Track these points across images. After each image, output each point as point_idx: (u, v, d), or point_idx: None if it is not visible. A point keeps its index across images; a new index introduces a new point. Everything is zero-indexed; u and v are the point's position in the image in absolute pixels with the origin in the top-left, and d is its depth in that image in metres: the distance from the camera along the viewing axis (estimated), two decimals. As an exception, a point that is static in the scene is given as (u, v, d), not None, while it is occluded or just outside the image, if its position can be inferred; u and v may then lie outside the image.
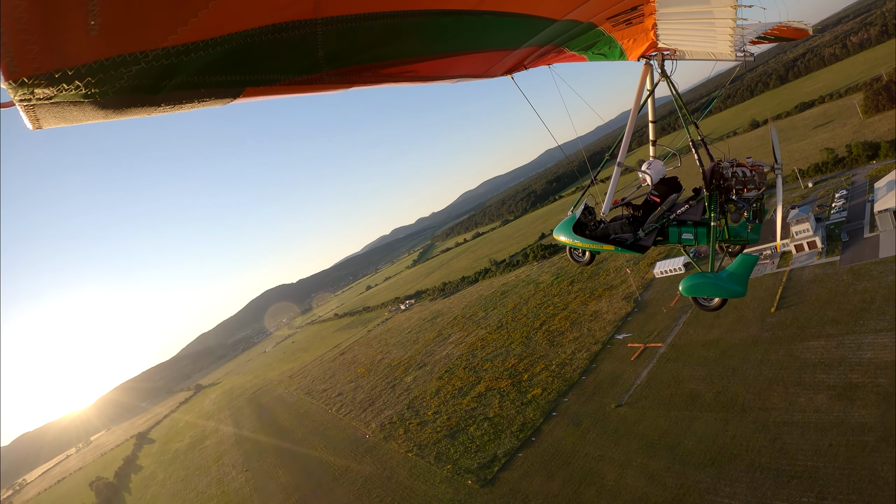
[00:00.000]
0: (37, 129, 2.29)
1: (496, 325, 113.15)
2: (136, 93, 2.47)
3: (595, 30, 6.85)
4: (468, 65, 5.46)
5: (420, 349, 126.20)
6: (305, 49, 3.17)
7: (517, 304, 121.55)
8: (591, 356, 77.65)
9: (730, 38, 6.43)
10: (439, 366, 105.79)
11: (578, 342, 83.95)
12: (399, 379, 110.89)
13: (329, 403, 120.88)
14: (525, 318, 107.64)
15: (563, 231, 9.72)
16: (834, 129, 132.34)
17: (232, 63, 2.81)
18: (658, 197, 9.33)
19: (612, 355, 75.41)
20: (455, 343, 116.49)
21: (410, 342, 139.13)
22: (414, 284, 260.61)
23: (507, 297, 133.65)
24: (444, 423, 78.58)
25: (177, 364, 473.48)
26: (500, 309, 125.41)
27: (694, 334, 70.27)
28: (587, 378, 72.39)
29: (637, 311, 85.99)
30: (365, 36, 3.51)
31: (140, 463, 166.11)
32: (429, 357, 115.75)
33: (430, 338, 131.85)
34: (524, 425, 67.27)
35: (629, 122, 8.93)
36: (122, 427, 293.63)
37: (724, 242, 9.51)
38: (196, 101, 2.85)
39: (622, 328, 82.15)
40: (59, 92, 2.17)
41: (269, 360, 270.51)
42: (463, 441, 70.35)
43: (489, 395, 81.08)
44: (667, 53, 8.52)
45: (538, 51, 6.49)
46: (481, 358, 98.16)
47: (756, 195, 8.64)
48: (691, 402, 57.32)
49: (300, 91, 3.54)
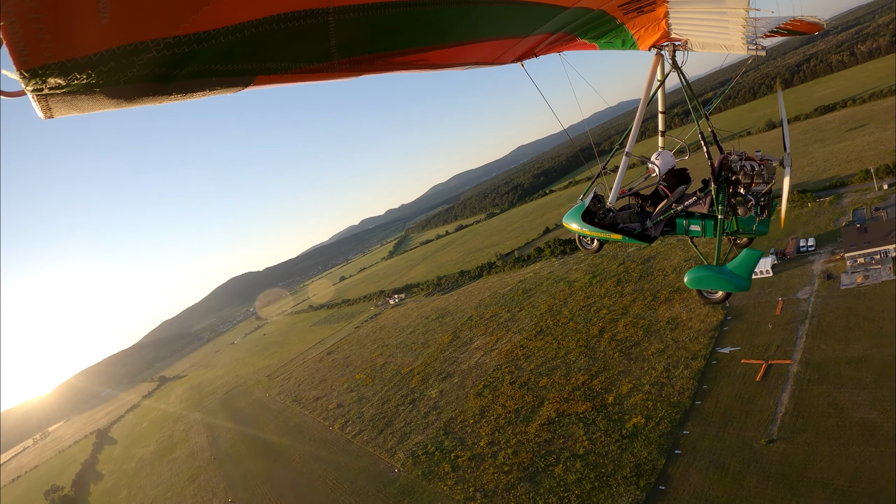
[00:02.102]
0: (48, 118, 2.27)
1: (534, 330, 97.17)
2: (148, 81, 2.42)
3: (606, 17, 6.67)
4: (480, 52, 5.30)
5: (435, 354, 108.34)
6: (317, 38, 3.10)
7: (552, 305, 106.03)
8: (695, 374, 63.05)
9: (742, 29, 6.37)
10: (473, 378, 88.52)
11: (667, 356, 69.19)
12: (420, 392, 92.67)
13: (328, 417, 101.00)
14: (574, 324, 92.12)
15: (573, 219, 9.75)
16: (874, 133, 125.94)
17: (244, 52, 2.76)
18: (667, 188, 9.40)
19: (725, 374, 61.04)
20: (483, 349, 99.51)
21: (418, 345, 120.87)
22: (397, 277, 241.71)
23: (532, 296, 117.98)
24: (510, 458, 61.64)
25: (139, 351, 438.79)
26: (529, 310, 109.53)
27: (828, 350, 57.23)
28: (704, 403, 57.47)
29: (732, 319, 72.29)
30: (377, 25, 3.43)
31: (100, 469, 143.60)
32: (452, 366, 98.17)
33: (444, 340, 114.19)
34: (639, 467, 51.50)
35: (639, 112, 8.87)
36: (82, 419, 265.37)
37: (733, 235, 9.28)
38: (207, 90, 2.78)
39: (721, 340, 68.35)
40: (71, 81, 2.16)
41: (239, 353, 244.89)
42: (551, 488, 53.66)
43: (565, 422, 64.80)
44: (678, 44, 8.33)
45: (549, 38, 6.38)
46: (531, 371, 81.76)
47: (765, 189, 8.60)
48: (869, 435, 44.60)
49: (311, 79, 3.47)
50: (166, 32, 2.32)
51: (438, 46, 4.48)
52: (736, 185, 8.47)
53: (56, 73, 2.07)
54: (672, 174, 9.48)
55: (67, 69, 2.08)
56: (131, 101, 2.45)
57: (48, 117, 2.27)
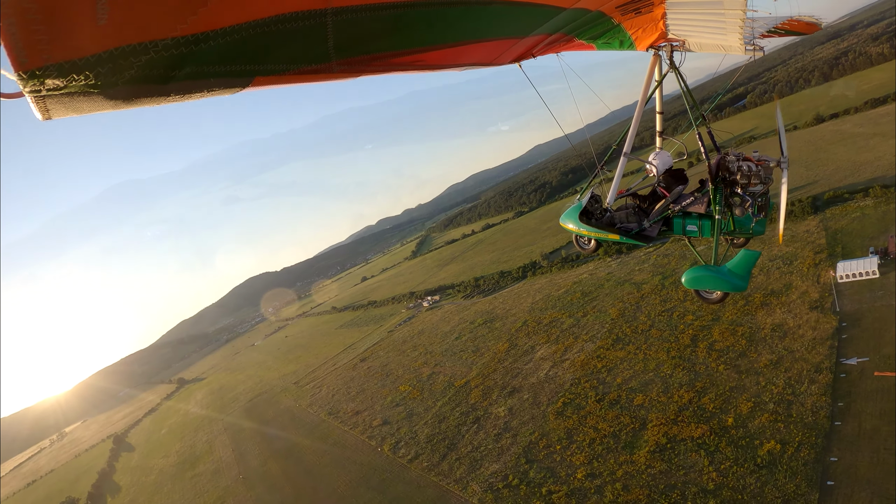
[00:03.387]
0: (46, 119, 2.25)
1: (609, 338, 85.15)
2: (146, 83, 2.41)
3: (604, 18, 6.61)
4: (477, 53, 5.28)
5: (491, 364, 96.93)
6: (315, 39, 3.09)
7: (623, 309, 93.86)
8: (825, 390, 52.05)
9: (739, 30, 6.38)
10: (547, 393, 76.87)
11: (785, 368, 57.73)
12: (483, 409, 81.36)
13: (373, 436, 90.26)
14: (657, 331, 79.97)
15: (570, 218, 9.76)
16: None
17: (242, 53, 2.75)
18: (664, 188, 9.32)
19: (860, 389, 51.02)
20: (551, 360, 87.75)
21: (468, 352, 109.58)
22: (427, 278, 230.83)
23: (594, 299, 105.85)
24: (622, 495, 50.07)
25: (157, 351, 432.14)
26: (596, 315, 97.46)
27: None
28: (846, 425, 47.86)
29: (848, 325, 60.66)
30: (375, 26, 3.41)
31: (117, 480, 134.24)
32: (517, 378, 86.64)
33: (501, 349, 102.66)
34: (789, 503, 40.04)
35: (636, 113, 8.87)
36: (99, 421, 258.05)
37: (730, 234, 9.28)
38: (206, 91, 2.77)
39: (843, 350, 56.73)
40: (69, 83, 2.15)
41: (261, 356, 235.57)
42: (692, 545, 42.19)
43: (680, 448, 53.13)
44: (676, 44, 8.36)
45: (547, 39, 6.31)
46: (619, 386, 69.91)
47: (761, 190, 8.59)
48: None
49: (309, 80, 3.46)
50: (164, 34, 2.31)
51: (436, 47, 4.41)
52: (733, 186, 8.54)
53: (54, 75, 2.06)
54: (669, 174, 9.45)
55: (65, 70, 2.07)
56: (129, 102, 2.43)
57: (46, 118, 2.23)
